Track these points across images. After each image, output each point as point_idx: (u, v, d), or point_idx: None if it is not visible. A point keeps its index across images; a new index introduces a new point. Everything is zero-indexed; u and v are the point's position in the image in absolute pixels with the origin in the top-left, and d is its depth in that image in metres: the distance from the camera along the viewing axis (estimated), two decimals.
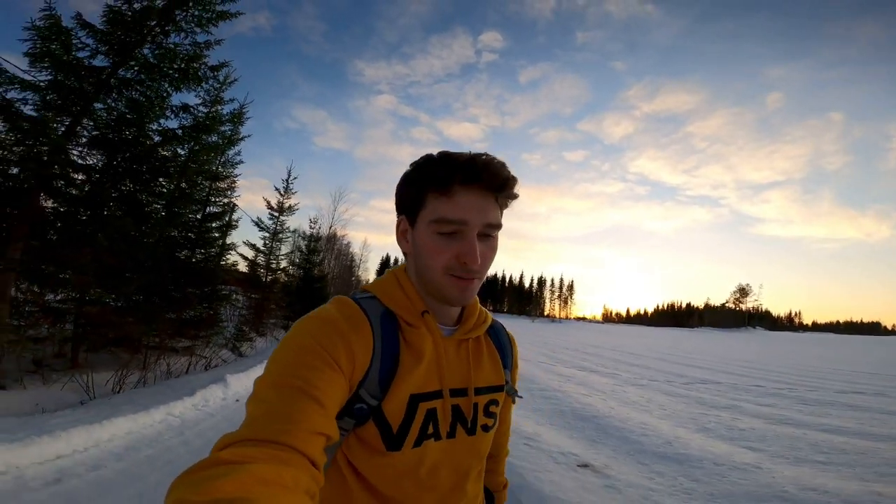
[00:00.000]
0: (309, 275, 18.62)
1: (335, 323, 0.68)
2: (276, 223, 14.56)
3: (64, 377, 5.29)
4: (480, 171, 0.71)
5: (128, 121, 6.40)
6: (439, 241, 0.72)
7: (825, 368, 15.99)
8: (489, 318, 0.86)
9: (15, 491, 2.51)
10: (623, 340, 30.58)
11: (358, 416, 0.69)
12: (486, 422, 0.79)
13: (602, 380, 9.66)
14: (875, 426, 6.04)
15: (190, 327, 8.01)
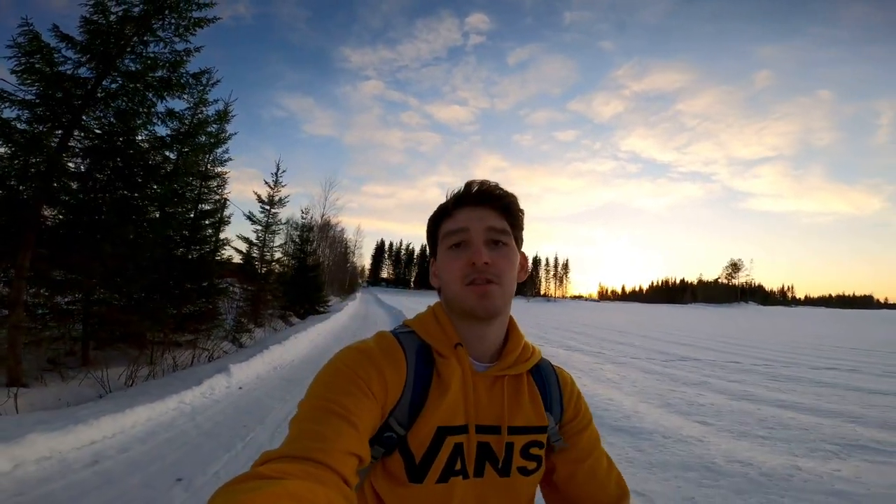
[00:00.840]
0: (303, 264, 18.91)
1: (371, 354, 0.73)
2: (268, 216, 14.86)
3: (79, 374, 5.75)
4: (471, 191, 0.81)
5: (116, 130, 6.68)
6: (452, 254, 0.79)
7: (809, 344, 16.23)
8: (535, 357, 0.86)
9: (62, 472, 2.98)
10: (615, 318, 31.03)
11: (387, 445, 0.71)
12: (524, 464, 0.77)
13: (585, 358, 10.05)
14: (831, 402, 6.34)
15: (191, 321, 8.43)
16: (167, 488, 2.87)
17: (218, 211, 10.35)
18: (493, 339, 0.81)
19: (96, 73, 6.40)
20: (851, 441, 4.45)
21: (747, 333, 21.34)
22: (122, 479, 2.95)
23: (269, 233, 14.98)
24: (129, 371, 5.86)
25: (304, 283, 18.18)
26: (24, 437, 2.99)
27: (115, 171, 6.67)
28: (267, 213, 14.85)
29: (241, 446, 3.72)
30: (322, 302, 19.78)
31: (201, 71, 7.75)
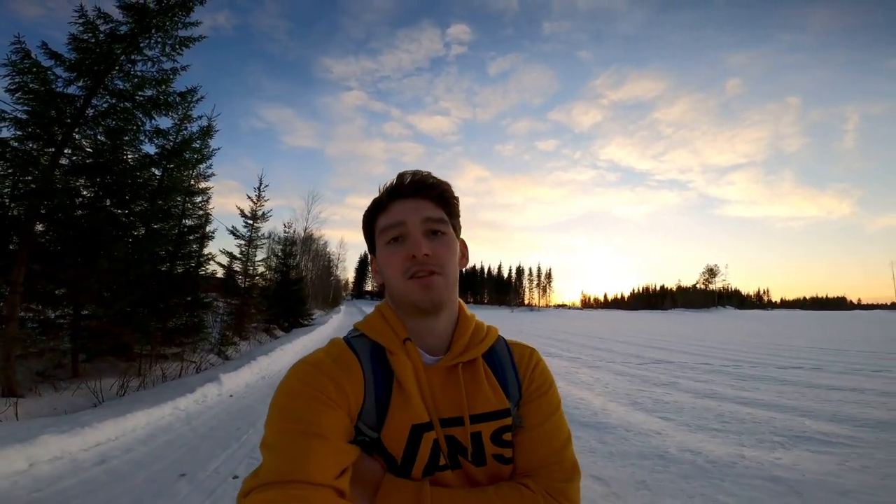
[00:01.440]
0: (286, 278, 19.10)
1: (321, 364, 0.72)
2: (251, 230, 15.07)
3: (71, 385, 5.95)
4: (404, 183, 0.80)
5: (106, 148, 6.91)
6: (391, 248, 0.78)
7: (779, 345, 16.61)
8: (490, 337, 0.84)
9: (73, 470, 3.23)
10: (595, 326, 31.45)
11: (361, 448, 0.71)
12: (499, 451, 0.76)
13: (562, 363, 10.36)
14: (789, 399, 6.63)
15: (178, 335, 8.61)
16: (172, 482, 3.14)
17: (202, 226, 10.55)
18: (443, 330, 0.80)
19: (86, 91, 6.61)
20: (798, 433, 4.80)
21: (722, 336, 21.84)
22: (130, 476, 3.21)
23: (253, 247, 15.17)
24: (121, 382, 6.07)
25: (288, 297, 18.33)
26: (36, 439, 3.25)
27: (104, 188, 6.86)
28: (250, 228, 15.05)
29: (236, 446, 3.99)
30: (306, 315, 19.91)
31: (188, 90, 8.06)
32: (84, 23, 6.61)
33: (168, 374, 7.13)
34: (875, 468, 3.68)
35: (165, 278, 8.53)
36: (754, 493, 3.17)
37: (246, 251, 14.93)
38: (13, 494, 2.81)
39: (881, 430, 4.82)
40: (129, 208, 7.28)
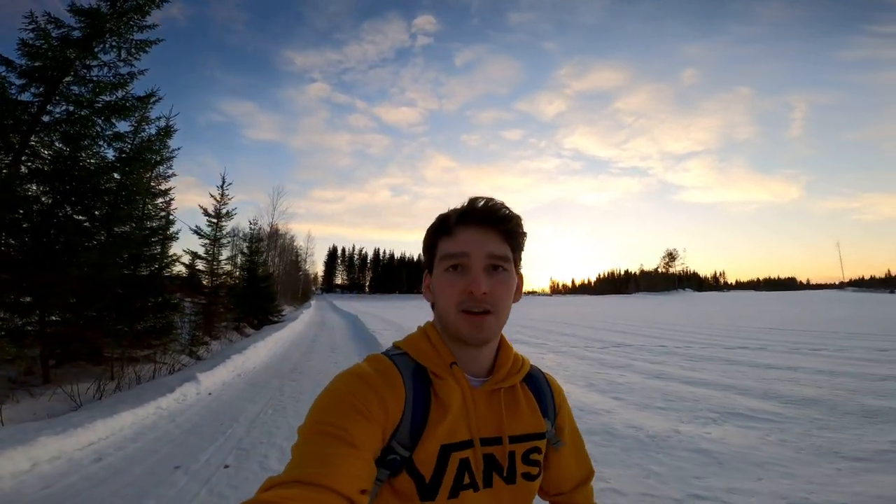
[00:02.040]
0: (254, 275, 18.95)
1: (369, 378, 0.73)
2: (216, 229, 14.93)
3: (46, 390, 6.04)
4: (476, 210, 0.79)
5: (64, 155, 6.85)
6: (449, 277, 0.78)
7: (730, 325, 17.75)
8: (526, 367, 0.89)
9: (74, 468, 3.45)
10: (563, 312, 32.27)
11: (391, 467, 0.71)
12: (527, 470, 0.80)
13: (528, 350, 10.77)
14: (731, 378, 7.16)
15: (148, 337, 8.66)
16: (168, 473, 3.43)
17: (165, 227, 10.48)
18: (485, 357, 0.83)
19: (41, 97, 6.54)
20: (731, 410, 5.23)
21: (679, 318, 22.97)
22: (128, 470, 3.46)
23: (218, 246, 15.05)
24: (98, 385, 6.20)
25: (257, 295, 18.21)
26: (35, 440, 3.45)
27: (63, 195, 6.82)
28: (214, 227, 14.92)
29: (222, 439, 4.27)
30: (276, 312, 19.88)
31: (147, 94, 7.96)
32: (34, 28, 6.53)
33: (142, 377, 7.24)
34: (791, 442, 4.16)
35: (131, 281, 8.54)
36: (682, 464, 3.65)
37: (211, 250, 14.79)
38: (23, 493, 3.03)
39: (805, 406, 5.38)
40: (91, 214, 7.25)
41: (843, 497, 2.99)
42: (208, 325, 13.38)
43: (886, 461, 3.62)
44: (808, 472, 3.45)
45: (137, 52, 7.43)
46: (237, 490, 3.19)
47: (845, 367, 7.83)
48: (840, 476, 3.36)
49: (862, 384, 6.49)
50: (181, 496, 3.08)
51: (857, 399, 5.63)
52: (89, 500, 2.99)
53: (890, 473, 3.37)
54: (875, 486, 3.14)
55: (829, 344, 11.30)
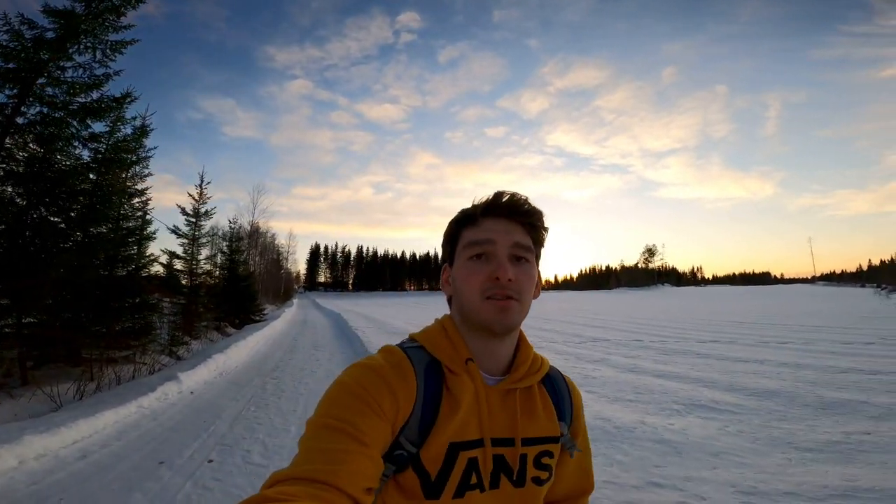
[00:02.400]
0: (234, 274, 18.84)
1: (381, 371, 0.72)
2: (194, 228, 14.73)
3: (25, 392, 6.04)
4: (501, 202, 0.79)
5: (38, 156, 6.80)
6: (472, 265, 0.77)
7: (704, 319, 18.31)
8: (545, 368, 0.87)
9: (60, 465, 3.53)
10: (544, 307, 32.53)
11: (398, 463, 0.70)
12: (537, 474, 0.78)
13: None
14: (699, 371, 7.41)
15: (126, 338, 8.65)
16: (153, 469, 3.52)
17: (142, 227, 10.41)
18: (504, 354, 0.82)
19: (16, 99, 6.49)
20: (695, 402, 5.47)
21: (657, 313, 23.54)
22: (113, 467, 3.55)
23: (197, 245, 14.85)
24: (78, 386, 6.22)
25: (237, 294, 18.13)
26: (21, 438, 3.52)
27: (37, 196, 6.76)
28: (193, 226, 14.73)
29: (205, 436, 4.37)
30: (257, 311, 19.80)
31: (123, 95, 7.89)
32: (8, 30, 6.47)
33: (122, 377, 7.26)
34: (749, 432, 4.38)
35: (108, 282, 8.50)
36: (644, 454, 3.87)
37: (190, 249, 14.61)
38: (13, 489, 3.11)
39: (766, 398, 5.66)
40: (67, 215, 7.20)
41: (790, 486, 3.21)
42: (188, 325, 13.29)
43: (836, 452, 3.87)
44: (760, 461, 3.69)
45: (113, 53, 7.38)
46: (221, 483, 3.30)
47: (809, 360, 8.19)
48: (790, 466, 3.60)
49: (823, 376, 6.81)
50: (167, 489, 3.19)
51: (817, 391, 5.92)
52: (78, 494, 3.07)
53: (837, 464, 3.62)
54: (821, 477, 3.36)
55: (797, 337, 11.76)
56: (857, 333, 12.42)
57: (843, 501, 2.95)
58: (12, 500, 2.98)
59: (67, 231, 7.12)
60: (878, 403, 5.25)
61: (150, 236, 10.84)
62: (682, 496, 3.05)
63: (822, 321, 16.47)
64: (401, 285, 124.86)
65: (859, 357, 8.42)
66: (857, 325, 14.64)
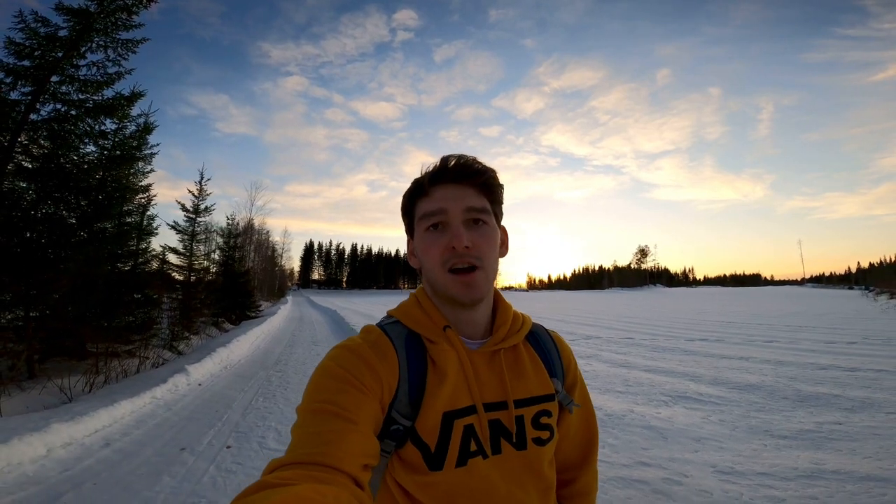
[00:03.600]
0: (231, 271, 19.06)
1: (359, 349, 0.72)
2: (194, 224, 14.97)
3: (36, 385, 6.21)
4: (449, 167, 0.78)
5: (51, 152, 6.98)
6: (430, 236, 0.77)
7: (694, 319, 18.65)
8: (527, 325, 0.86)
9: (87, 453, 3.76)
10: (538, 306, 32.96)
11: (396, 438, 0.71)
12: (538, 434, 0.77)
13: None
14: (686, 366, 7.68)
15: (130, 332, 8.83)
16: (176, 454, 3.77)
17: (142, 223, 10.65)
18: (481, 318, 0.81)
19: (31, 97, 6.65)
20: (681, 394, 5.78)
21: (648, 313, 23.90)
22: (138, 453, 3.79)
23: (196, 241, 15.10)
24: (87, 379, 6.41)
25: (235, 290, 18.32)
26: (49, 427, 3.74)
27: (47, 192, 6.93)
28: (192, 222, 14.97)
29: (220, 424, 4.62)
30: (254, 307, 19.98)
31: (133, 93, 8.06)
32: (24, 28, 6.65)
33: (128, 371, 7.44)
34: (729, 421, 4.68)
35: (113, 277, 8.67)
36: (633, 438, 4.19)
37: (189, 245, 14.83)
38: (46, 476, 3.32)
39: (748, 391, 5.97)
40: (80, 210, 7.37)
41: (763, 468, 3.51)
42: (187, 320, 13.46)
43: (808, 439, 4.18)
44: (738, 446, 4.00)
45: (125, 51, 7.56)
46: (243, 466, 3.56)
47: (791, 358, 8.51)
48: (765, 450, 3.90)
49: (803, 372, 7.13)
50: (193, 472, 3.43)
51: (796, 385, 6.24)
52: (110, 479, 3.30)
53: (808, 450, 3.92)
54: (792, 460, 3.67)
55: (783, 336, 12.09)
56: (842, 333, 12.77)
57: (810, 481, 3.25)
58: (47, 486, 3.18)
59: (77, 226, 7.30)
60: (851, 397, 5.58)
61: (153, 232, 11.06)
62: (666, 474, 3.34)
63: (809, 321, 16.85)
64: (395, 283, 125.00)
65: (841, 355, 8.75)
66: (842, 326, 15.01)
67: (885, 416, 4.81)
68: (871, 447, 3.93)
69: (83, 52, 7.21)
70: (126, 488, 3.17)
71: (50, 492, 3.10)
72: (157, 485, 3.22)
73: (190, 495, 3.08)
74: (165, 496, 3.06)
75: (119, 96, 7.70)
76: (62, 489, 3.13)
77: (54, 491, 3.11)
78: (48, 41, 6.82)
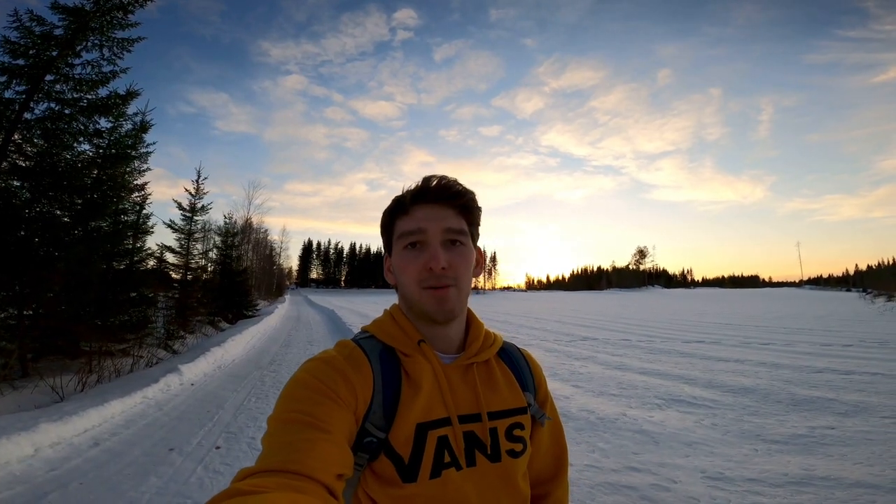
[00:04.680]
0: (228, 269, 19.03)
1: (333, 361, 0.73)
2: (190, 223, 14.93)
3: (28, 383, 6.19)
4: (430, 188, 0.80)
5: (45, 150, 6.97)
6: (408, 254, 0.79)
7: (691, 321, 18.71)
8: (498, 341, 0.88)
9: (76, 452, 3.74)
10: (536, 307, 33.03)
11: (369, 450, 0.71)
12: (512, 447, 0.78)
13: None
14: (682, 369, 7.71)
15: (124, 331, 8.81)
16: (164, 455, 3.74)
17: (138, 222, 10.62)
18: (454, 335, 0.83)
19: (25, 95, 6.63)
20: (675, 397, 5.78)
21: (646, 314, 23.95)
22: (126, 453, 3.76)
23: (193, 240, 15.07)
24: (80, 378, 6.38)
25: (232, 289, 18.30)
26: (37, 426, 3.71)
27: (41, 191, 6.90)
28: (189, 221, 14.93)
29: (210, 424, 4.60)
30: (251, 306, 19.95)
31: (129, 93, 8.04)
32: (19, 27, 6.63)
33: (121, 370, 7.41)
34: (722, 426, 4.68)
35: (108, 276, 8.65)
36: (624, 442, 4.17)
37: (186, 244, 14.79)
38: (33, 475, 3.30)
39: (742, 395, 5.97)
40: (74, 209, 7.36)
41: (753, 474, 3.49)
42: (183, 319, 13.43)
43: (800, 444, 4.17)
44: (729, 451, 3.98)
45: (121, 50, 7.55)
46: (231, 467, 3.54)
47: (787, 360, 8.53)
48: (756, 455, 3.89)
49: (798, 375, 7.14)
50: (180, 473, 3.41)
51: (790, 389, 6.25)
52: (97, 479, 3.28)
53: (799, 455, 3.92)
54: (783, 466, 3.66)
55: (779, 339, 12.13)
56: (838, 336, 12.81)
57: (799, 488, 3.24)
58: (33, 485, 3.17)
59: (71, 225, 7.27)
60: (845, 401, 5.58)
61: (148, 230, 11.02)
62: (655, 479, 3.33)
63: (805, 323, 16.91)
64: None
65: (836, 358, 8.77)
66: (839, 328, 15.04)
67: (878, 421, 4.81)
68: (863, 452, 3.93)
69: (78, 51, 7.20)
70: (112, 488, 3.15)
71: (36, 491, 3.08)
72: (143, 485, 3.21)
73: (175, 496, 3.06)
74: (151, 496, 3.04)
75: (114, 95, 7.67)
76: (48, 489, 3.12)
77: (40, 490, 3.09)
78: (43, 40, 6.81)
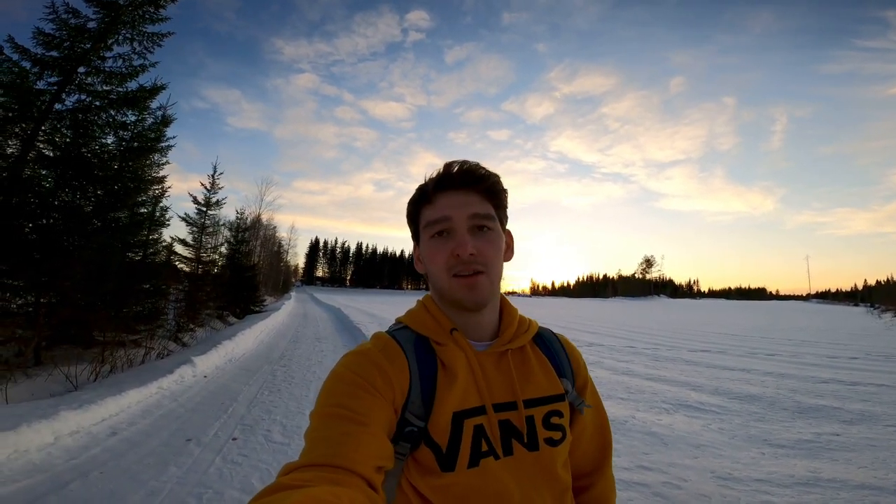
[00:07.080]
0: (238, 265, 19.19)
1: (369, 354, 0.74)
2: (204, 217, 15.19)
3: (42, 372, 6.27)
4: (452, 174, 0.79)
5: (76, 142, 7.12)
6: (435, 243, 0.79)
7: (696, 331, 18.59)
8: (533, 327, 0.87)
9: (94, 441, 3.83)
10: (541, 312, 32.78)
11: (410, 439, 0.72)
12: (550, 435, 0.77)
13: None
14: (688, 376, 7.75)
15: (137, 322, 8.93)
16: (182, 445, 3.84)
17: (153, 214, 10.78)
18: (488, 322, 0.82)
19: (57, 87, 6.78)
20: (682, 402, 5.83)
21: (651, 323, 23.82)
22: (144, 443, 3.86)
23: (206, 234, 15.30)
24: (94, 367, 6.49)
25: (240, 284, 18.45)
26: (57, 414, 3.81)
27: (65, 180, 7.07)
28: (203, 215, 15.17)
29: (225, 416, 4.69)
30: (258, 302, 20.11)
31: (155, 87, 8.14)
32: (54, 18, 6.78)
33: (133, 360, 7.52)
34: (728, 430, 4.74)
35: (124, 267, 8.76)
36: (634, 443, 4.25)
37: (198, 238, 15.02)
38: (52, 463, 3.37)
39: (748, 402, 6.01)
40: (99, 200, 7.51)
41: (761, 475, 3.56)
42: (193, 312, 13.55)
43: (805, 449, 4.23)
44: (736, 454, 4.04)
45: (151, 44, 7.72)
46: (248, 458, 3.63)
47: (793, 371, 8.53)
48: (762, 459, 3.95)
49: (803, 385, 7.15)
50: (199, 463, 3.50)
51: (796, 397, 6.27)
52: (116, 468, 3.36)
53: (805, 458, 3.98)
54: (789, 468, 3.72)
55: (785, 350, 12.09)
56: (845, 348, 12.76)
57: (806, 488, 3.30)
58: (54, 473, 3.23)
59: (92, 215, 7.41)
60: (851, 409, 5.61)
61: (164, 223, 11.19)
62: (666, 478, 3.40)
63: (812, 336, 16.83)
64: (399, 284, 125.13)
65: (842, 369, 8.76)
66: (846, 341, 14.98)
67: (882, 429, 4.86)
68: (867, 457, 3.99)
69: (110, 45, 7.36)
70: (132, 478, 3.23)
71: (56, 480, 3.13)
72: (163, 475, 3.29)
73: (196, 485, 3.14)
74: (172, 486, 3.12)
75: (142, 89, 7.82)
76: (68, 477, 3.17)
77: (61, 479, 3.14)
78: (77, 32, 6.96)
